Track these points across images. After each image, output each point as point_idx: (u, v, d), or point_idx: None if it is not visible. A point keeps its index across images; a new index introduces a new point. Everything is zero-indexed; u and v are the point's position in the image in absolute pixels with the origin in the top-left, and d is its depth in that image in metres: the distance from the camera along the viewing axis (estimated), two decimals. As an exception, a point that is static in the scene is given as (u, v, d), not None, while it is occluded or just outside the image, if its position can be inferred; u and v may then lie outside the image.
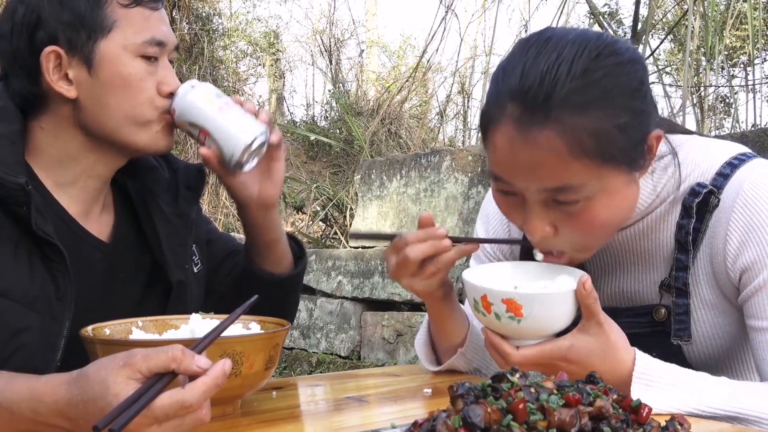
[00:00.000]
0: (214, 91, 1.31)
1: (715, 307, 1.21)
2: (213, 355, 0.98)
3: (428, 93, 8.11)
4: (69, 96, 1.24)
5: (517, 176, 1.10)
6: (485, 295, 1.08)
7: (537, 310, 1.06)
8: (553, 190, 1.08)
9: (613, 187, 1.11)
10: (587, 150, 1.06)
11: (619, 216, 1.15)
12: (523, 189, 1.10)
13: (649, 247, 1.25)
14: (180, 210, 1.40)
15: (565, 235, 1.13)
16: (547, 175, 1.07)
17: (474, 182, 3.48)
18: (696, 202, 1.19)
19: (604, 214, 1.11)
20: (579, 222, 1.11)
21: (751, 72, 5.81)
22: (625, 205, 1.15)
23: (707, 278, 1.20)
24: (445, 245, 1.18)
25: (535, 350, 1.08)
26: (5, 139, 1.20)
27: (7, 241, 1.17)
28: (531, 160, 1.07)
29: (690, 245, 1.19)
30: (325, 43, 8.94)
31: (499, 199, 1.18)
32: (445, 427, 0.70)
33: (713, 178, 1.19)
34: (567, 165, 1.06)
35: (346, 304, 3.86)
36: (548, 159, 1.06)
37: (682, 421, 0.77)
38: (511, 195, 1.14)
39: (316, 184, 5.41)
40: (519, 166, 1.08)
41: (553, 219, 1.12)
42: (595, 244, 1.17)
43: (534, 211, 1.11)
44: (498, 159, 1.11)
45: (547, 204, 1.11)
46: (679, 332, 1.22)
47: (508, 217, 1.19)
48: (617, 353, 1.07)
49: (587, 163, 1.06)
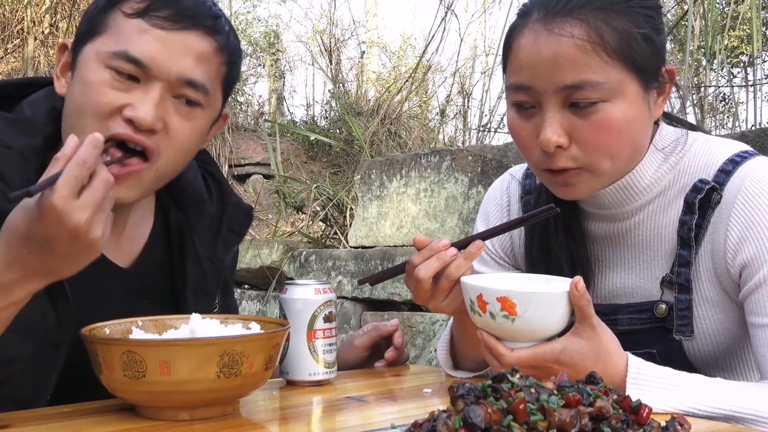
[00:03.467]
0: None
1: (716, 304, 1.21)
2: (213, 355, 0.98)
3: (428, 93, 8.10)
4: (60, 92, 1.20)
5: (540, 74, 1.13)
6: (481, 294, 1.09)
7: (531, 310, 1.06)
8: (573, 87, 1.12)
9: (630, 95, 1.14)
10: (609, 45, 1.11)
11: (630, 134, 1.17)
12: (542, 91, 1.13)
13: (651, 243, 1.25)
14: (216, 254, 1.33)
15: (578, 146, 1.15)
16: (569, 66, 1.11)
17: (474, 182, 3.47)
18: (698, 198, 1.19)
19: (619, 122, 1.14)
20: (594, 127, 1.13)
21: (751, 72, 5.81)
22: (638, 124, 1.18)
23: (709, 274, 1.21)
24: (450, 256, 1.17)
25: (529, 352, 1.08)
26: (18, 156, 1.15)
27: None
28: (555, 51, 1.12)
29: (692, 241, 1.20)
30: (325, 43, 8.93)
31: (515, 119, 1.20)
32: (446, 427, 0.70)
33: (715, 174, 1.20)
34: (589, 57, 1.11)
35: (346, 304, 3.86)
36: (571, 49, 1.11)
37: (682, 422, 0.77)
38: (528, 109, 1.17)
39: (316, 184, 5.40)
40: (543, 61, 1.13)
41: (568, 127, 1.14)
42: (604, 163, 1.17)
43: (550, 118, 1.14)
44: (521, 61, 1.16)
45: (563, 110, 1.14)
46: (682, 328, 1.22)
47: (523, 141, 1.20)
48: (609, 357, 1.08)
49: (608, 60, 1.11)
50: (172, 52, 1.14)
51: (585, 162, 1.16)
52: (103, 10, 1.17)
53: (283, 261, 4.19)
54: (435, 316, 3.33)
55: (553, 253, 1.30)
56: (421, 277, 1.16)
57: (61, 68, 1.21)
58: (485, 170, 3.44)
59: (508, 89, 1.19)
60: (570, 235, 1.29)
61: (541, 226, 1.31)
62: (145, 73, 1.13)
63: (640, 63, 1.14)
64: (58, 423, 1.03)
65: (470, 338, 1.24)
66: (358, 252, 3.80)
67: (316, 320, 1.24)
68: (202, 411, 1.03)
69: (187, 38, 1.15)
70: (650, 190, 1.23)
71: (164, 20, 1.14)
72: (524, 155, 1.23)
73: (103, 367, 1.01)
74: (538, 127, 1.16)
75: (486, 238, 1.21)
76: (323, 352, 1.25)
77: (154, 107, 1.13)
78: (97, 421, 1.04)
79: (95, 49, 1.15)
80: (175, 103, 1.16)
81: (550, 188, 1.24)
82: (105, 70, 1.13)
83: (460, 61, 7.37)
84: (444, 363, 1.36)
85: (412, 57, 9.20)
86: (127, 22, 1.15)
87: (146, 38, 1.13)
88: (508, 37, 1.19)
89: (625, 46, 1.12)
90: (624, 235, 1.27)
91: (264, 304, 4.25)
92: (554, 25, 1.12)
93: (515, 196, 1.41)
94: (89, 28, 1.18)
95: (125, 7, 1.15)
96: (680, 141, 1.25)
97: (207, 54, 1.17)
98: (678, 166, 1.23)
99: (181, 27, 1.14)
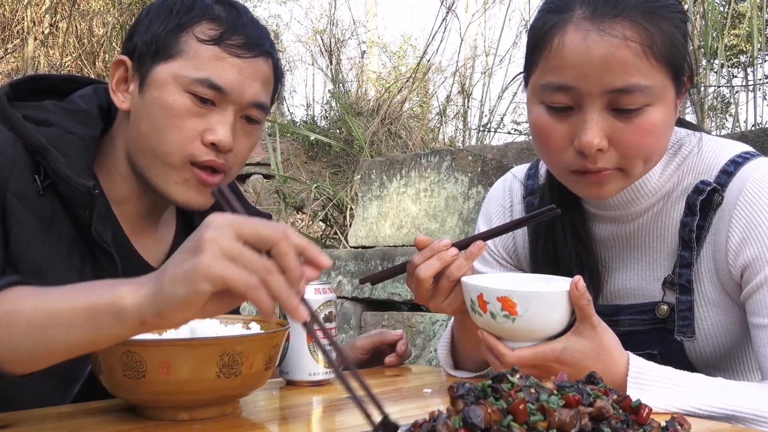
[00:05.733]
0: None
1: (717, 305, 1.21)
2: (213, 355, 0.98)
3: (428, 93, 8.10)
4: (121, 107, 1.24)
5: (587, 75, 1.09)
6: (481, 294, 1.09)
7: (531, 309, 1.06)
8: (621, 91, 1.09)
9: (668, 100, 1.13)
10: (659, 51, 1.09)
11: (665, 139, 1.16)
12: (586, 93, 1.10)
13: (653, 244, 1.25)
14: None
15: (617, 148, 1.13)
16: (620, 69, 1.08)
17: (474, 182, 3.47)
18: (700, 199, 1.19)
19: (659, 127, 1.13)
20: (636, 131, 1.11)
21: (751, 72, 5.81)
22: (670, 128, 1.17)
23: (710, 275, 1.21)
24: (451, 256, 1.15)
25: (530, 351, 1.08)
26: (80, 141, 1.20)
27: (65, 240, 1.17)
28: (606, 53, 1.08)
29: (693, 242, 1.20)
30: (326, 43, 8.93)
31: (545, 120, 1.15)
32: (446, 427, 0.70)
33: (717, 175, 1.20)
34: (639, 60, 1.08)
35: (346, 304, 3.86)
36: (624, 52, 1.08)
37: (682, 422, 0.77)
38: (564, 111, 1.13)
39: (316, 184, 5.40)
40: (592, 62, 1.09)
41: (609, 130, 1.12)
42: (639, 166, 1.15)
43: (591, 120, 1.11)
44: (565, 60, 1.11)
45: (604, 112, 1.11)
46: (683, 329, 1.22)
47: (554, 142, 1.16)
48: (610, 356, 1.07)
49: (655, 64, 1.09)
50: (246, 77, 1.21)
51: (621, 164, 1.14)
52: (173, 33, 1.20)
53: (283, 261, 4.18)
54: (435, 316, 3.33)
55: (560, 255, 1.29)
56: (422, 277, 1.15)
57: (117, 83, 1.25)
58: (485, 170, 3.44)
59: (542, 88, 1.14)
60: (577, 237, 1.29)
61: (547, 228, 1.30)
62: (222, 98, 1.20)
63: (678, 68, 1.13)
64: (58, 423, 1.03)
65: (471, 338, 1.24)
66: (358, 252, 3.80)
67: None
68: (202, 411, 1.03)
69: (257, 64, 1.22)
70: (656, 192, 1.23)
71: (239, 48, 1.20)
72: (549, 155, 1.19)
73: (103, 367, 1.01)
74: (574, 128, 1.13)
75: (487, 238, 1.20)
76: (323, 352, 1.25)
77: (231, 130, 1.21)
78: (97, 421, 1.04)
79: (172, 72, 1.19)
80: (242, 122, 1.24)
81: (575, 189, 1.21)
82: (185, 94, 1.19)
83: (460, 61, 7.38)
84: (444, 362, 1.36)
85: (413, 57, 9.21)
86: (202, 48, 1.19)
87: (224, 66, 1.19)
88: (542, 33, 1.13)
89: (669, 51, 1.10)
90: (627, 237, 1.27)
91: (264, 304, 4.24)
92: (605, 24, 1.08)
93: (518, 197, 1.41)
94: (158, 49, 1.20)
95: (198, 32, 1.20)
96: (683, 142, 1.25)
97: (269, 76, 1.26)
98: (682, 168, 1.23)
99: (253, 55, 1.21)
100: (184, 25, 1.20)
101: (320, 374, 1.26)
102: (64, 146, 1.18)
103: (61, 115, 1.22)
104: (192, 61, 1.19)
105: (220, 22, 1.21)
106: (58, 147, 1.17)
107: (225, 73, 1.19)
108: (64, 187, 1.16)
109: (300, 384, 1.25)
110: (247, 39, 1.21)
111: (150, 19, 1.23)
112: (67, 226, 1.18)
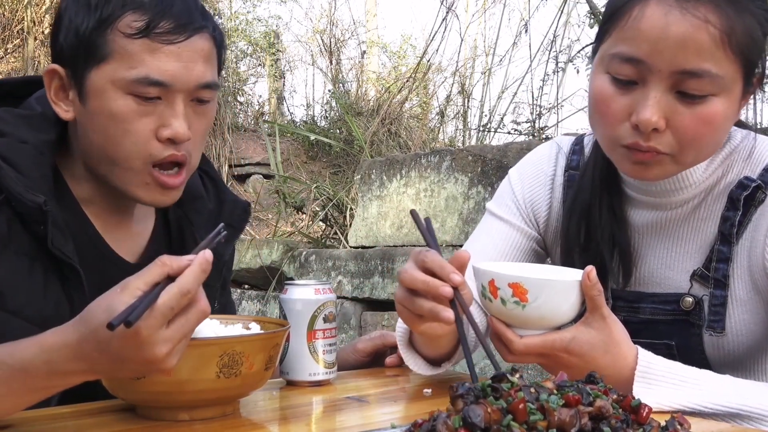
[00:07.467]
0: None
1: (744, 303, 1.20)
2: (213, 355, 0.98)
3: (428, 93, 8.10)
4: (65, 117, 1.19)
5: (660, 51, 1.07)
6: (492, 279, 1.08)
7: (542, 297, 1.06)
8: (689, 74, 1.07)
9: (734, 95, 1.11)
10: (737, 42, 1.07)
11: (722, 133, 1.14)
12: (655, 69, 1.08)
13: (689, 235, 1.24)
14: (215, 249, 1.34)
15: (673, 132, 1.11)
16: (695, 51, 1.06)
17: (474, 182, 3.47)
18: (744, 195, 1.19)
19: (720, 119, 1.11)
20: (696, 118, 1.09)
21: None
22: (730, 123, 1.15)
23: (742, 272, 1.20)
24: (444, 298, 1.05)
25: (538, 340, 1.07)
26: (34, 150, 1.16)
27: (24, 257, 1.13)
28: (685, 32, 1.06)
29: (733, 237, 1.19)
30: (326, 43, 8.93)
31: (607, 90, 1.13)
32: (446, 427, 0.70)
33: (761, 173, 1.20)
34: (716, 48, 1.06)
35: (346, 304, 3.86)
36: (702, 34, 1.06)
37: (682, 421, 0.77)
38: (627, 84, 1.11)
39: (316, 184, 5.40)
40: (668, 39, 1.06)
41: (669, 111, 1.10)
42: (690, 155, 1.14)
43: (654, 97, 1.09)
44: (640, 32, 1.08)
45: (668, 92, 1.09)
46: (713, 324, 1.21)
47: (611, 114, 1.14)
48: (619, 348, 1.07)
49: (730, 54, 1.07)
50: (186, 62, 1.14)
51: (673, 149, 1.13)
52: (96, 32, 1.14)
53: (283, 261, 4.19)
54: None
55: (593, 234, 1.27)
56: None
57: (56, 93, 1.19)
58: (485, 170, 3.44)
59: (611, 57, 1.12)
60: (614, 218, 1.27)
61: (582, 206, 1.28)
62: (167, 91, 1.14)
63: (751, 64, 1.11)
64: (58, 423, 1.03)
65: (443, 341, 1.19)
66: (358, 252, 3.80)
67: (316, 320, 1.24)
68: (201, 411, 1.03)
69: (193, 45, 1.15)
70: (700, 184, 1.22)
71: (170, 34, 1.13)
72: (604, 126, 1.16)
73: (103, 367, 1.01)
74: (634, 102, 1.11)
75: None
76: (323, 353, 1.25)
77: (184, 120, 1.16)
78: (97, 421, 1.04)
79: (107, 76, 1.13)
80: (193, 105, 1.18)
81: (620, 164, 1.18)
82: (127, 97, 1.13)
83: (460, 61, 7.38)
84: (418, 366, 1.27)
85: (412, 57, 9.20)
86: (131, 44, 1.12)
87: (160, 57, 1.12)
88: (622, 2, 1.11)
89: (747, 45, 1.08)
90: (663, 225, 1.25)
91: (264, 304, 4.25)
92: (689, 4, 1.06)
93: (561, 168, 1.37)
94: (87, 51, 1.14)
95: (122, 28, 1.13)
96: (731, 136, 1.23)
97: (210, 51, 1.19)
98: (726, 162, 1.22)
99: (186, 36, 1.14)
100: (106, 21, 1.13)
101: (320, 374, 1.25)
102: (17, 158, 1.13)
103: (14, 122, 1.17)
104: (125, 60, 1.12)
105: (144, 10, 1.13)
106: (10, 159, 1.12)
107: (162, 65, 1.12)
108: (16, 203, 1.11)
109: (300, 384, 1.25)
110: (176, 21, 1.13)
111: (69, 15, 1.15)
112: (26, 242, 1.13)
